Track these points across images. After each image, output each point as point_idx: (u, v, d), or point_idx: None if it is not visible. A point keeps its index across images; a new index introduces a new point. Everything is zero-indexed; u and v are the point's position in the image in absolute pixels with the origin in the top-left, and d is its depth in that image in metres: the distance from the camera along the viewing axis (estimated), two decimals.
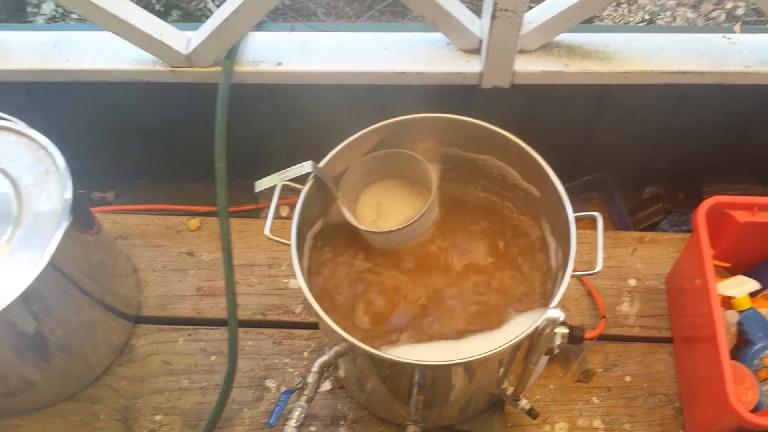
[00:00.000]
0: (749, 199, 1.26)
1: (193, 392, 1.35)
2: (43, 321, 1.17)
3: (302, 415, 1.02)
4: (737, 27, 1.46)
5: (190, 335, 1.42)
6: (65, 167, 1.18)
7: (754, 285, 1.30)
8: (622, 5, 3.12)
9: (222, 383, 1.27)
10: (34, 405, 1.33)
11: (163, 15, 2.94)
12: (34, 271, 1.07)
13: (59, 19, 2.96)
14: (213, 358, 1.39)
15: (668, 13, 3.07)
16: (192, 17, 3.03)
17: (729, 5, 3.02)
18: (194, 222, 1.56)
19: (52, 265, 1.10)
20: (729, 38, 1.43)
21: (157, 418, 1.33)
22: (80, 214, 1.20)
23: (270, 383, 1.36)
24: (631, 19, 3.09)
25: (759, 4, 1.29)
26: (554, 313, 0.93)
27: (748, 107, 1.51)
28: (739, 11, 2.99)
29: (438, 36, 1.41)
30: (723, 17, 3.00)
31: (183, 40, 1.39)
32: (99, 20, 1.33)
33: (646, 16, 3.09)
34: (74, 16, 2.93)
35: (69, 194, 1.15)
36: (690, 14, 3.05)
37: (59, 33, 1.47)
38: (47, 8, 2.93)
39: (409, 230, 1.12)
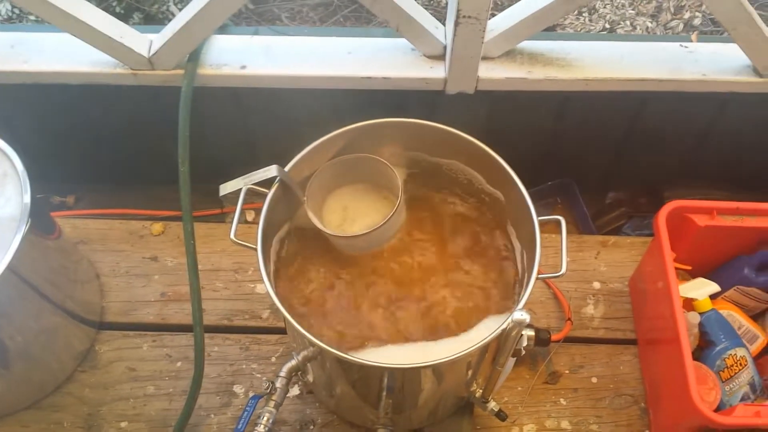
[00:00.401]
0: (708, 203, 1.29)
1: (159, 399, 1.33)
2: (2, 327, 1.14)
3: (270, 421, 1.02)
4: (694, 36, 1.50)
5: (154, 341, 1.40)
6: (24, 171, 1.15)
7: (714, 287, 1.32)
8: (584, 14, 3.17)
9: (188, 389, 1.25)
10: None
11: (124, 17, 2.89)
12: None
13: (16, 20, 2.90)
14: (179, 364, 1.37)
15: (628, 22, 3.13)
16: (154, 20, 2.99)
17: (687, 15, 3.09)
18: (157, 226, 1.54)
19: (11, 270, 1.07)
20: (686, 47, 1.46)
21: (123, 425, 1.30)
22: (40, 219, 1.17)
23: (237, 389, 1.35)
24: (592, 27, 3.14)
25: (715, 14, 1.32)
26: (521, 315, 0.93)
27: (706, 114, 1.55)
28: (697, 21, 3.06)
29: (403, 42, 1.42)
30: (681, 27, 3.07)
31: (145, 42, 1.37)
32: (57, 21, 1.30)
33: (607, 25, 3.14)
34: (32, 17, 2.87)
35: (28, 198, 1.12)
36: (649, 24, 3.11)
37: (16, 34, 1.44)
38: (3, 8, 2.86)
39: (375, 235, 1.12)
